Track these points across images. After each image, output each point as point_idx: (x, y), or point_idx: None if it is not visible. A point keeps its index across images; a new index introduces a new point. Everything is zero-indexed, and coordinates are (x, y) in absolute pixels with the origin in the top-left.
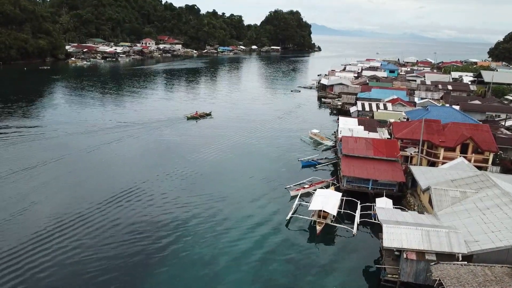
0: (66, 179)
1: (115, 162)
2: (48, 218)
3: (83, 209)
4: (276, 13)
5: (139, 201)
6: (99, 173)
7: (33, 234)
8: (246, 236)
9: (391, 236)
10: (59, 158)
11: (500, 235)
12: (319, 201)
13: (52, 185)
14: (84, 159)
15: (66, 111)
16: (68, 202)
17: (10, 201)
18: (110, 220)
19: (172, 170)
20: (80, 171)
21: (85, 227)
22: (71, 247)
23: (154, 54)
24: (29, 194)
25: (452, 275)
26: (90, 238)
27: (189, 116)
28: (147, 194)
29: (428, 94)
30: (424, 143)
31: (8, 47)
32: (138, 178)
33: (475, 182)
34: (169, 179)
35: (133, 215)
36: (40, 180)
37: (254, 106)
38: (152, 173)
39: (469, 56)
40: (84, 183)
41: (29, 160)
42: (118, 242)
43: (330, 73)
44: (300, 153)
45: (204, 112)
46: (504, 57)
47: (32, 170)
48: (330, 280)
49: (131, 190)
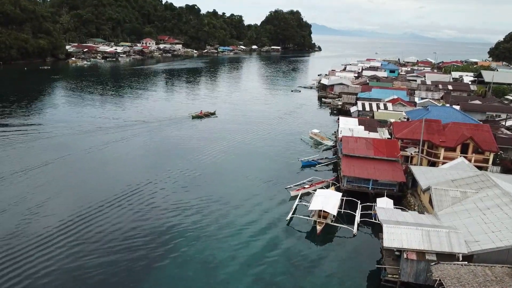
0: (68, 178)
1: (116, 162)
2: (52, 216)
3: (83, 209)
4: (276, 13)
5: (139, 201)
6: (100, 173)
7: (35, 233)
8: (246, 236)
9: (391, 236)
10: (62, 156)
11: (500, 235)
12: (319, 201)
13: (54, 185)
14: (86, 159)
15: (68, 110)
16: (68, 202)
17: (11, 201)
18: (110, 220)
19: (172, 170)
20: (82, 171)
21: (85, 226)
22: (71, 247)
23: (155, 54)
24: (31, 195)
25: (453, 275)
26: (90, 238)
27: (194, 115)
28: (147, 194)
29: (428, 94)
30: (425, 143)
31: (8, 47)
32: (138, 178)
33: (476, 182)
34: (170, 179)
35: (133, 215)
36: (43, 180)
37: (254, 106)
38: (153, 173)
39: (469, 56)
40: (85, 182)
41: (31, 159)
42: (119, 242)
43: (331, 73)
44: (300, 153)
45: (208, 111)
46: (504, 57)
47: (36, 170)
48: (331, 280)
49: (131, 190)
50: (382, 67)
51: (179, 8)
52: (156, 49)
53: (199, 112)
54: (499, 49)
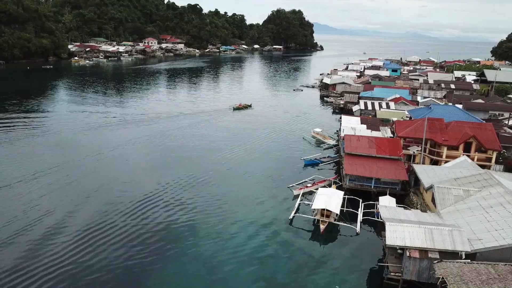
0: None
1: (116, 168)
2: (56, 211)
3: (84, 207)
4: (278, 12)
5: (139, 200)
6: (102, 173)
7: (36, 233)
8: (250, 234)
9: (394, 234)
10: (96, 153)
11: (503, 233)
12: (322, 200)
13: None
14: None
15: (76, 108)
16: (71, 199)
17: (19, 203)
18: (110, 219)
19: (172, 170)
20: (85, 169)
21: (86, 225)
22: (71, 246)
23: (157, 53)
24: (48, 194)
25: (456, 273)
26: (91, 238)
27: (235, 107)
28: (149, 193)
29: (431, 93)
30: (427, 141)
31: (11, 46)
32: (137, 178)
33: (478, 181)
34: (170, 178)
35: (134, 214)
36: (69, 178)
37: (255, 106)
38: (153, 173)
39: (472, 55)
40: (87, 177)
41: (57, 159)
42: (119, 241)
43: (333, 72)
44: (303, 152)
45: (246, 103)
46: (507, 56)
47: (61, 168)
48: (334, 278)
49: (132, 189)
50: (385, 66)
51: (181, 8)
52: (158, 48)
53: (238, 104)
54: (502, 48)
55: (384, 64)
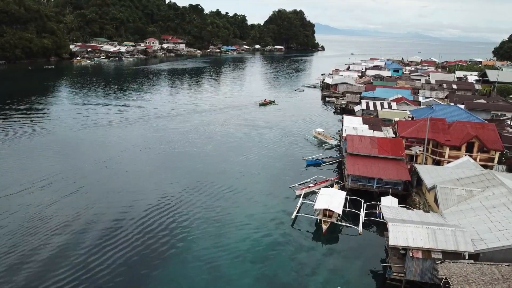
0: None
1: (116, 170)
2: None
3: (84, 204)
4: (279, 13)
5: (139, 200)
6: (102, 172)
7: (37, 233)
8: (252, 235)
9: (396, 234)
10: (123, 151)
11: (507, 233)
12: (324, 200)
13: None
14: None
15: (74, 109)
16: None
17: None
18: (111, 219)
19: (173, 169)
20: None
21: (86, 225)
22: (70, 245)
23: (158, 54)
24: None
25: (459, 274)
26: (91, 238)
27: (261, 103)
28: (149, 193)
29: (432, 93)
30: (430, 141)
31: (13, 46)
32: (137, 176)
33: (481, 181)
34: (170, 178)
35: (133, 214)
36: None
37: (255, 105)
38: (154, 173)
39: (473, 55)
40: (94, 173)
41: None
42: (120, 240)
43: (334, 72)
44: (305, 152)
45: (270, 100)
46: (509, 56)
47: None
48: (336, 278)
49: (132, 189)
50: (386, 66)
51: (183, 8)
52: (159, 48)
53: (264, 100)
54: (503, 49)
55: (386, 64)
